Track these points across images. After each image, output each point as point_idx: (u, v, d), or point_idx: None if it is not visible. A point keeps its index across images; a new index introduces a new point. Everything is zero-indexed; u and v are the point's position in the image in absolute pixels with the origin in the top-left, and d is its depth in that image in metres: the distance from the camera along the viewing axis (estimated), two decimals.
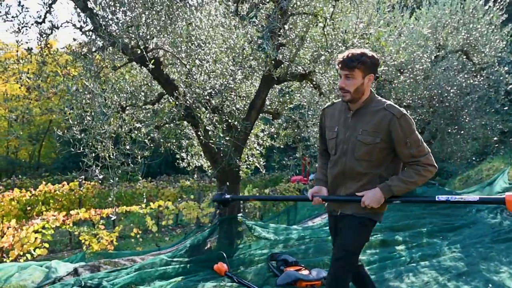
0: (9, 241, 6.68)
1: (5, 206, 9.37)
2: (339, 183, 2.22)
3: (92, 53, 3.66)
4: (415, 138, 2.04)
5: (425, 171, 2.04)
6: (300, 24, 3.74)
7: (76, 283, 3.42)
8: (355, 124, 2.12)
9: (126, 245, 9.73)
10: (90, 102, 3.22)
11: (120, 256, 5.91)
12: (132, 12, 3.21)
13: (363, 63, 2.04)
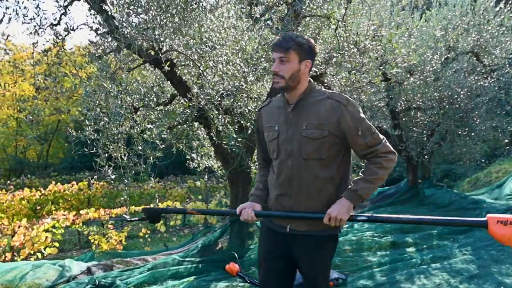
0: (20, 240, 6.79)
1: (15, 205, 9.50)
2: (285, 192, 1.88)
3: (106, 55, 3.73)
4: (366, 125, 1.82)
5: (387, 161, 1.81)
6: (312, 26, 3.77)
7: (90, 281, 3.48)
8: (297, 119, 1.85)
9: (134, 245, 9.81)
10: (106, 103, 3.27)
11: (129, 256, 5.98)
12: (147, 14, 3.26)
13: (300, 45, 1.80)
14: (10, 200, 9.47)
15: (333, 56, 3.76)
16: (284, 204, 1.88)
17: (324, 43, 3.84)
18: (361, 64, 3.76)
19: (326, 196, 1.83)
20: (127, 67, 3.83)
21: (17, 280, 3.57)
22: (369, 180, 1.79)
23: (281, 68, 1.81)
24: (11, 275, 3.64)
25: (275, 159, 1.92)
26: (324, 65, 3.95)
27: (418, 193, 7.36)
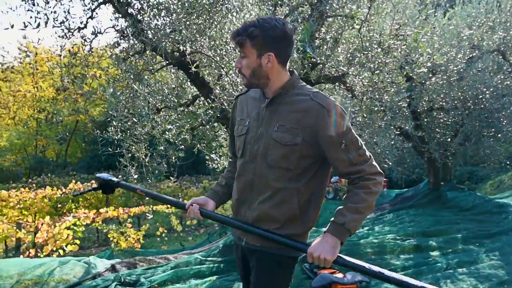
0: (44, 237, 7.00)
1: (38, 203, 9.80)
2: (245, 198, 1.64)
3: (130, 57, 3.83)
4: (352, 137, 1.52)
5: (376, 185, 1.52)
6: (335, 26, 3.79)
7: (116, 278, 3.57)
8: (270, 117, 1.59)
9: (151, 244, 9.99)
10: (132, 104, 3.36)
11: (146, 254, 6.10)
12: (172, 17, 3.34)
13: (252, 37, 1.50)
14: (33, 198, 9.78)
15: (356, 56, 3.77)
16: (241, 213, 1.66)
17: (346, 43, 3.85)
18: (384, 64, 3.76)
19: (288, 211, 1.56)
20: (151, 68, 3.93)
21: (46, 275, 3.69)
22: (358, 210, 1.49)
23: (243, 63, 1.58)
24: (40, 270, 3.76)
25: (239, 158, 1.69)
26: (347, 65, 3.96)
27: (440, 196, 7.27)
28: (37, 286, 3.55)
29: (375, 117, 4.08)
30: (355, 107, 4.65)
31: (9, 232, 7.30)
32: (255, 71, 1.55)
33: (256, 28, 1.50)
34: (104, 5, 4.02)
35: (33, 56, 20.74)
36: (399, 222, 5.74)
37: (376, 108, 4.15)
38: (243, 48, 1.54)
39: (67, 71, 4.16)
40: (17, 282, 3.53)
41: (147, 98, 3.47)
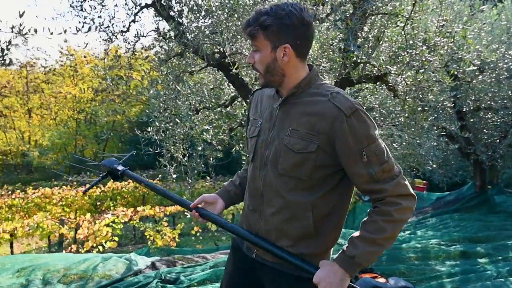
0: (84, 233, 7.31)
1: (78, 200, 10.26)
2: (256, 207, 1.47)
3: (170, 58, 3.95)
4: (376, 148, 1.29)
5: (401, 211, 1.28)
6: (377, 24, 3.73)
7: (157, 276, 3.69)
8: (283, 120, 1.40)
9: (185, 242, 10.19)
10: (175, 105, 3.47)
11: (182, 253, 6.24)
12: (213, 18, 3.41)
13: (265, 27, 1.31)
14: (74, 196, 10.26)
15: (400, 54, 3.70)
16: (252, 223, 1.49)
17: (389, 42, 3.79)
18: (430, 62, 3.67)
19: (301, 228, 1.37)
20: (191, 70, 4.03)
21: (90, 271, 3.84)
22: (374, 241, 1.27)
23: (255, 58, 1.39)
24: (84, 266, 3.93)
25: (250, 163, 1.52)
26: (389, 64, 3.89)
27: (487, 200, 6.98)
28: (82, 280, 3.68)
29: (419, 118, 3.98)
30: (397, 107, 4.56)
31: (53, 228, 7.67)
32: (270, 66, 1.36)
33: (269, 17, 1.30)
34: (146, 8, 4.18)
35: (73, 59, 21.78)
36: (443, 226, 5.56)
37: (419, 108, 4.05)
38: (255, 40, 1.35)
39: (112, 73, 4.35)
40: (64, 276, 3.68)
41: (188, 99, 3.56)
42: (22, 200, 9.92)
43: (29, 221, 7.50)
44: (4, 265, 3.78)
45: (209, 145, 4.26)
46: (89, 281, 3.67)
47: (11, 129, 24.11)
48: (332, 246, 1.46)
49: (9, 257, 4.48)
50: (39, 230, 7.43)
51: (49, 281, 3.52)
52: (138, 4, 4.18)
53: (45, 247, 8.99)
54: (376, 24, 3.75)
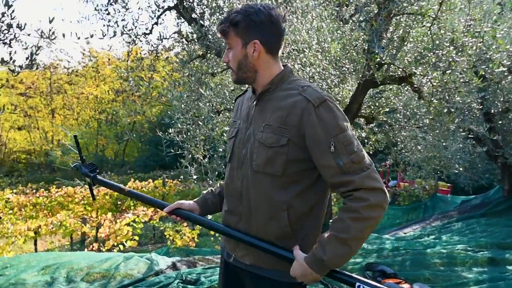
0: (106, 232, 7.44)
1: (100, 199, 10.47)
2: (234, 210, 1.46)
3: (192, 60, 3.99)
4: (345, 139, 1.27)
5: (367, 209, 1.21)
6: (402, 25, 3.68)
7: (178, 276, 3.72)
8: (259, 117, 1.42)
9: (204, 243, 10.25)
10: (197, 107, 3.50)
11: (201, 253, 6.28)
12: None
13: (234, 23, 1.35)
14: (95, 195, 10.47)
15: (425, 55, 3.64)
16: (232, 226, 1.47)
17: (414, 42, 3.73)
18: (457, 63, 3.59)
19: (278, 229, 1.36)
20: (212, 71, 4.06)
21: (112, 270, 3.88)
22: (344, 242, 1.22)
23: (229, 56, 1.42)
24: (107, 264, 3.98)
25: (228, 163, 1.52)
26: (414, 65, 3.84)
27: None
28: (105, 279, 3.73)
29: (445, 120, 3.90)
30: (422, 109, 4.49)
31: (75, 226, 7.84)
32: (241, 63, 1.40)
33: (238, 14, 1.35)
34: (169, 11, 4.24)
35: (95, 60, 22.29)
36: (470, 231, 5.43)
37: (445, 110, 3.98)
38: (227, 38, 1.40)
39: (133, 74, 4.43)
40: (87, 274, 3.73)
41: (211, 101, 3.59)
42: (46, 198, 10.22)
43: (53, 219, 7.70)
44: (29, 262, 3.88)
45: None
46: (112, 280, 3.72)
47: (35, 128, 24.86)
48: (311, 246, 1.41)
49: (34, 255, 4.58)
50: (62, 229, 7.61)
51: (72, 279, 3.60)
52: (161, 6, 4.26)
53: (67, 245, 9.20)
54: (401, 24, 3.70)
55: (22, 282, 3.25)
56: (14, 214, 9.38)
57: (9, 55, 2.28)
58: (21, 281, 3.26)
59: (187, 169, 4.12)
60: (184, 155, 4.04)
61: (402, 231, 6.45)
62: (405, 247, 4.53)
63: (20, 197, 10.05)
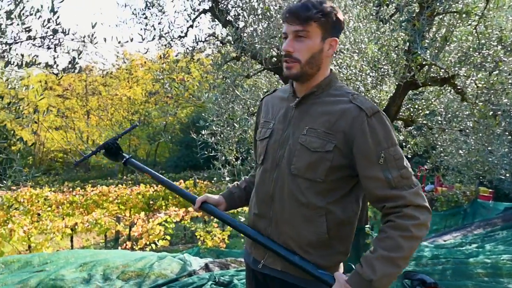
0: (139, 231, 7.62)
1: (133, 199, 10.74)
2: (263, 213, 1.41)
3: (226, 63, 4.01)
4: (395, 152, 1.25)
5: (418, 227, 1.19)
6: (445, 23, 3.55)
7: (211, 278, 3.74)
8: (300, 119, 1.35)
9: (234, 244, 10.30)
10: (232, 109, 3.51)
11: (231, 255, 6.30)
12: (271, 23, 3.42)
13: (325, 14, 1.27)
14: (129, 194, 10.75)
15: (470, 55, 3.49)
16: (262, 230, 1.41)
17: (458, 42, 3.59)
18: (505, 63, 3.43)
19: (314, 235, 1.30)
20: (247, 74, 4.07)
21: (147, 269, 3.93)
22: (393, 261, 1.18)
23: (297, 47, 1.29)
24: (141, 264, 4.02)
25: (259, 166, 1.46)
26: (458, 65, 3.69)
27: None
28: (139, 278, 3.78)
29: (490, 123, 3.73)
30: (464, 111, 4.32)
31: (109, 224, 8.07)
32: (314, 57, 1.30)
33: (326, 7, 1.27)
34: (204, 14, 4.28)
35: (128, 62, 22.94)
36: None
37: (491, 113, 3.80)
38: (307, 25, 1.27)
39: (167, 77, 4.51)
40: (122, 272, 3.79)
41: (247, 103, 3.59)
42: (81, 197, 10.59)
43: (88, 217, 7.95)
44: (68, 259, 3.98)
45: None
46: (146, 279, 3.77)
47: (71, 129, 25.85)
48: (343, 259, 1.38)
49: (72, 252, 4.73)
50: (97, 226, 7.84)
51: (108, 277, 3.66)
52: (197, 10, 4.31)
53: (102, 243, 9.48)
54: (444, 23, 3.57)
55: (61, 278, 3.35)
56: (52, 211, 9.79)
57: (53, 59, 2.37)
58: (60, 277, 3.36)
59: (220, 171, 4.14)
60: (217, 157, 4.07)
61: (441, 238, 6.22)
62: (445, 256, 4.38)
63: (58, 195, 10.44)
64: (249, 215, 1.50)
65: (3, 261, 3.76)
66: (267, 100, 1.56)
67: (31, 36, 2.33)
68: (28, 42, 2.37)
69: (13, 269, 3.62)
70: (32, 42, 2.38)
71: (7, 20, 2.23)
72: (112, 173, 21.56)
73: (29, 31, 2.31)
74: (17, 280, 3.23)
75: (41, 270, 3.55)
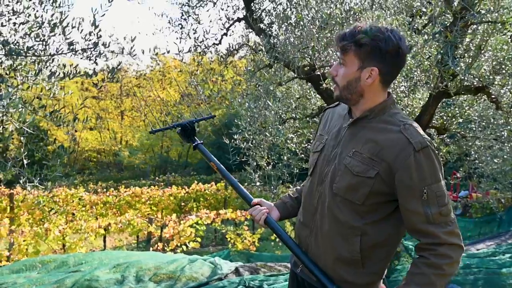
0: (170, 232, 7.82)
1: (164, 200, 11.07)
2: (308, 223, 1.51)
3: (259, 70, 4.17)
4: (439, 190, 1.28)
5: (451, 266, 1.26)
6: (480, 32, 3.57)
7: (241, 282, 3.83)
8: (349, 140, 1.42)
9: (264, 247, 10.41)
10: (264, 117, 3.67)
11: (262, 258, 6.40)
12: (304, 32, 3.55)
13: (359, 45, 1.32)
14: (161, 196, 11.10)
15: (506, 64, 3.50)
16: (303, 237, 1.52)
17: (493, 51, 3.59)
18: None
19: (348, 253, 1.38)
20: (279, 81, 4.22)
21: (178, 272, 4.03)
22: None
23: (339, 71, 1.40)
24: (173, 266, 4.13)
25: (309, 177, 1.56)
26: (493, 75, 3.70)
27: None
28: (171, 280, 3.88)
29: None
30: (499, 120, 4.29)
31: (142, 225, 8.31)
32: (350, 84, 1.38)
33: (366, 36, 1.31)
34: (238, 22, 4.47)
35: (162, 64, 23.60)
36: None
37: None
38: (345, 54, 1.37)
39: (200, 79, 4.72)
40: (154, 274, 3.90)
41: (278, 112, 3.74)
42: (115, 197, 10.89)
43: (121, 218, 8.17)
44: (101, 260, 4.12)
45: (294, 155, 4.40)
46: (177, 282, 3.88)
47: (105, 129, 26.78)
48: (376, 282, 1.44)
49: (106, 253, 4.84)
50: (130, 227, 8.04)
51: (141, 279, 3.77)
52: (231, 18, 4.50)
53: (134, 243, 9.78)
54: (479, 32, 3.59)
55: (95, 279, 3.45)
56: (87, 211, 10.12)
57: (93, 71, 2.46)
58: (95, 278, 3.47)
59: (252, 176, 4.31)
60: (249, 162, 4.23)
61: (475, 247, 6.14)
62: (477, 265, 4.35)
63: (92, 195, 10.75)
64: (297, 220, 1.59)
65: (40, 260, 3.89)
66: (328, 112, 1.63)
67: (73, 48, 2.41)
68: (69, 55, 2.43)
69: (49, 269, 3.75)
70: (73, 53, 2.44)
71: (50, 33, 2.30)
72: (144, 174, 22.22)
73: (72, 45, 2.39)
74: (54, 280, 3.35)
75: (76, 270, 3.69)
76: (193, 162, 25.44)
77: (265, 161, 4.31)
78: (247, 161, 4.19)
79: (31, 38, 2.33)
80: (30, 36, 2.33)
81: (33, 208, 9.17)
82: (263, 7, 4.44)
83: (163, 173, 20.34)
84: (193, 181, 12.86)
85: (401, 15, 3.29)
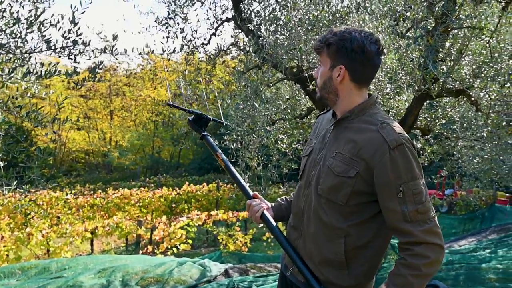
0: (160, 235, 7.79)
1: (155, 202, 11.09)
2: (296, 225, 1.58)
3: (248, 71, 4.35)
4: (415, 187, 1.32)
5: (428, 266, 1.29)
6: (460, 37, 3.79)
7: (230, 284, 3.83)
8: (333, 142, 1.49)
9: (256, 247, 10.50)
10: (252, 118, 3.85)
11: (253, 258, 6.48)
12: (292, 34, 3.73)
13: (328, 44, 1.44)
14: (151, 197, 11.13)
15: (484, 68, 3.73)
16: (292, 240, 1.59)
17: (473, 55, 3.83)
18: None
19: (332, 254, 1.43)
20: (268, 82, 4.40)
21: (166, 275, 3.98)
22: None
23: (318, 73, 1.53)
24: (161, 269, 4.06)
25: (299, 180, 1.64)
26: (472, 78, 3.94)
27: None
28: (159, 284, 3.83)
29: (502, 133, 3.95)
30: (479, 121, 4.52)
31: (131, 228, 8.14)
32: (326, 83, 1.48)
33: (334, 36, 1.43)
34: (227, 22, 4.63)
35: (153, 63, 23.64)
36: None
37: (503, 123, 4.02)
38: (320, 55, 1.50)
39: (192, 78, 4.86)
40: (141, 278, 3.82)
41: (266, 113, 3.92)
42: (103, 200, 10.68)
43: (109, 221, 7.99)
44: (86, 265, 3.99)
45: (284, 155, 4.56)
46: (165, 285, 3.84)
47: (94, 129, 26.59)
48: (363, 284, 1.47)
49: (91, 257, 4.64)
50: (118, 230, 7.93)
51: (127, 283, 3.69)
52: (219, 18, 4.65)
53: (122, 246, 9.64)
54: (459, 36, 3.81)
55: (79, 285, 3.35)
56: (72, 214, 9.81)
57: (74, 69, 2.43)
58: (79, 284, 3.36)
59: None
60: (238, 163, 4.38)
61: (457, 244, 6.37)
62: (459, 261, 4.54)
63: (78, 198, 10.47)
64: (288, 224, 1.67)
65: (20, 267, 3.76)
66: (319, 118, 1.72)
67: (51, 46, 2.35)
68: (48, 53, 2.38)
69: (30, 275, 3.62)
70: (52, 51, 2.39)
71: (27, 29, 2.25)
72: (135, 175, 22.22)
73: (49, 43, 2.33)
74: (34, 287, 3.24)
75: (59, 276, 3.54)
76: (185, 163, 25.46)
77: (255, 161, 4.44)
78: (237, 162, 4.31)
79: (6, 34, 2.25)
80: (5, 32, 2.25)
81: (14, 212, 8.88)
82: (252, 7, 4.55)
83: (155, 174, 20.33)
84: (185, 182, 12.95)
85: (385, 18, 3.48)
